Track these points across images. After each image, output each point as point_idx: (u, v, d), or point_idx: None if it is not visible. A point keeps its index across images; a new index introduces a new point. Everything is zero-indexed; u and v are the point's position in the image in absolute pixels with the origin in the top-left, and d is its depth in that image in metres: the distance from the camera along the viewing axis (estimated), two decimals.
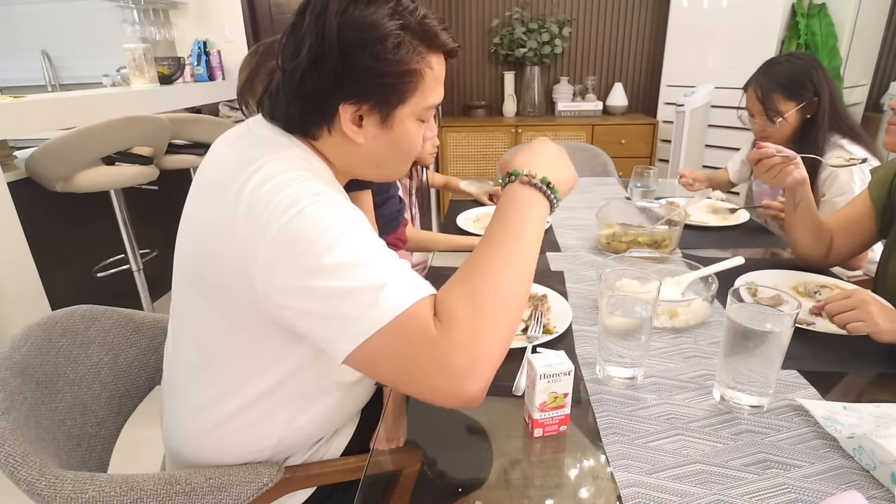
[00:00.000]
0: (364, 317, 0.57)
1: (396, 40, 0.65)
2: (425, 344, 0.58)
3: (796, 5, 2.85)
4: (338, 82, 0.66)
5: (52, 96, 2.30)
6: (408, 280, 0.61)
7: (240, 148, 0.70)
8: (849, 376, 0.86)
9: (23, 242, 1.78)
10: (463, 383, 0.57)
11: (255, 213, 0.61)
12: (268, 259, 0.60)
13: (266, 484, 0.74)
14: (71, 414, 0.86)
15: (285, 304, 0.61)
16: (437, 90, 0.73)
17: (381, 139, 0.71)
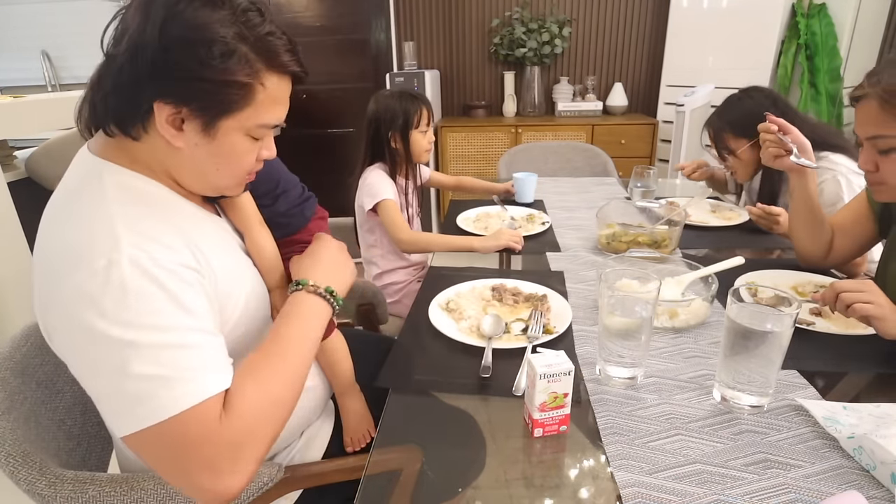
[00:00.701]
0: (143, 405, 0.56)
1: (225, 48, 0.61)
2: (200, 444, 0.58)
3: (796, 5, 2.85)
4: (154, 76, 0.61)
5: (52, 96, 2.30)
6: (205, 372, 0.60)
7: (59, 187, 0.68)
8: (849, 376, 0.86)
9: (23, 242, 1.78)
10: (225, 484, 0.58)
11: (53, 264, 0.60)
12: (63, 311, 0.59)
13: (266, 484, 0.74)
14: (71, 414, 0.86)
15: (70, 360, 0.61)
16: (274, 110, 0.68)
17: (203, 148, 0.66)
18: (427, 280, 1.23)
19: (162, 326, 0.58)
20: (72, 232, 0.60)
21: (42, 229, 0.65)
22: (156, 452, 0.59)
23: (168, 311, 0.59)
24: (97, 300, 0.56)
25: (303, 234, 1.14)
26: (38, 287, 0.62)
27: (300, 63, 0.69)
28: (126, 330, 0.56)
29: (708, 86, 3.00)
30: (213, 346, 0.63)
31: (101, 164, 0.66)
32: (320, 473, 0.82)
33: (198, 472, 0.58)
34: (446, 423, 0.78)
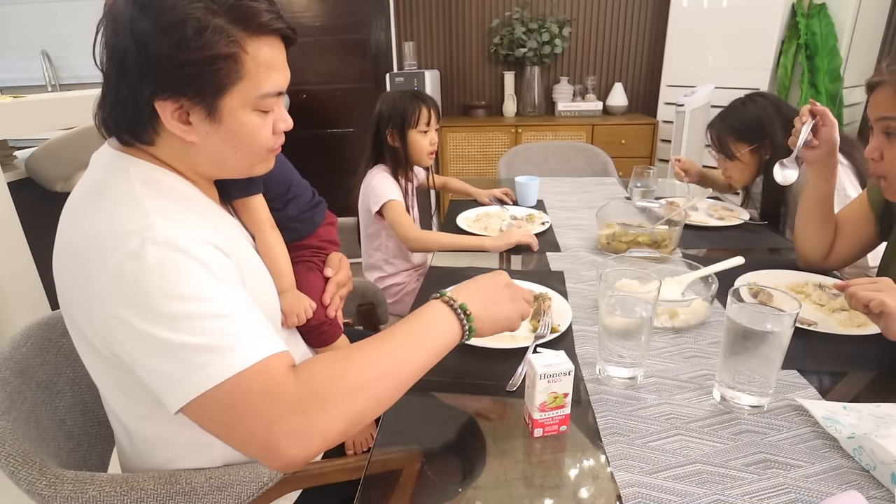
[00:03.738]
0: (198, 373, 0.56)
1: (197, 25, 0.59)
2: (264, 398, 0.56)
3: (796, 5, 2.84)
4: (143, 78, 0.60)
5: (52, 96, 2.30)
6: (256, 336, 0.60)
7: (82, 182, 0.68)
8: (849, 376, 0.86)
9: (23, 242, 1.78)
10: (286, 449, 0.56)
11: (87, 253, 0.60)
12: (102, 304, 0.58)
13: (266, 484, 0.74)
14: (71, 413, 0.86)
15: (119, 343, 0.59)
16: (270, 77, 0.66)
17: (215, 135, 0.66)
18: (427, 280, 1.23)
19: (204, 297, 0.58)
20: (102, 222, 0.60)
21: (68, 223, 0.65)
22: (216, 418, 0.58)
23: (207, 283, 0.59)
24: (137, 280, 0.56)
25: (312, 240, 1.14)
26: (69, 280, 0.63)
27: (283, 20, 0.65)
28: (170, 304, 0.56)
29: (708, 86, 3.00)
30: (259, 314, 0.63)
31: (126, 159, 0.67)
32: (320, 473, 0.82)
33: (260, 433, 0.56)
34: (446, 423, 0.78)
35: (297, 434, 0.57)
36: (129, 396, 0.70)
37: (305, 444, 0.57)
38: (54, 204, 2.24)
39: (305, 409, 0.57)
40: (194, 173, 0.71)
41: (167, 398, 0.58)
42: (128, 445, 0.78)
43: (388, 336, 0.66)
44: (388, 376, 0.63)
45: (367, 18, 3.51)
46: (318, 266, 1.07)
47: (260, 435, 0.56)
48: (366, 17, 3.51)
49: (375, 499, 0.65)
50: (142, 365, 0.59)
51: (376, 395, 0.62)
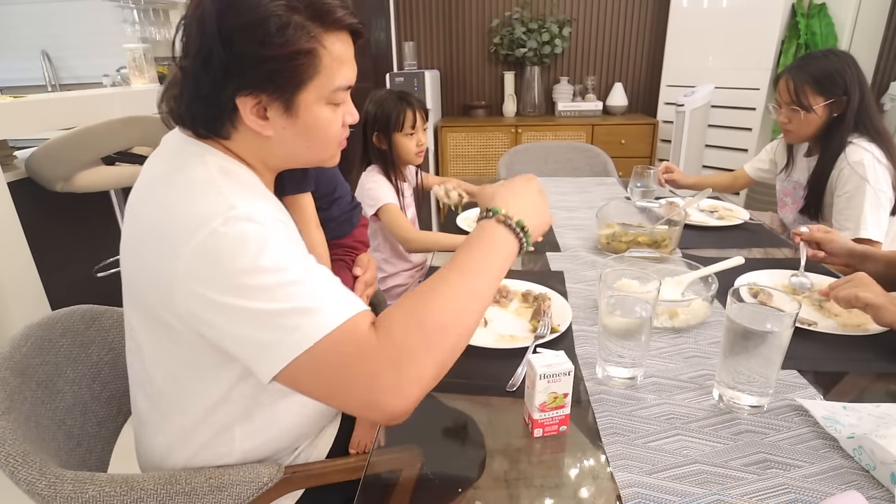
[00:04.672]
0: (291, 337, 0.57)
1: (280, 21, 0.61)
2: (357, 358, 0.57)
3: (796, 5, 2.85)
4: (227, 74, 0.63)
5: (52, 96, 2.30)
6: (337, 297, 0.61)
7: (153, 164, 0.70)
8: (849, 376, 0.86)
9: (23, 242, 1.78)
10: (389, 402, 0.57)
11: (166, 235, 0.60)
12: (185, 282, 0.59)
13: (266, 484, 0.74)
14: (71, 414, 0.86)
15: (210, 324, 0.60)
16: (342, 71, 0.68)
17: (291, 129, 0.68)
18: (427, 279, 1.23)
19: (287, 265, 0.59)
20: (183, 204, 0.61)
21: (145, 204, 0.66)
22: (314, 379, 0.59)
23: (288, 251, 0.61)
24: (222, 255, 0.58)
25: (347, 240, 1.17)
26: (145, 262, 0.63)
27: (354, 15, 0.68)
28: (257, 275, 0.58)
29: (708, 86, 3.00)
30: (336, 279, 0.64)
31: (202, 146, 0.69)
32: (320, 474, 0.82)
33: (361, 390, 0.57)
34: (446, 423, 0.78)
35: (394, 387, 0.57)
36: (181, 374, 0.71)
37: (404, 396, 0.57)
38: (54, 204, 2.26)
39: (394, 363, 0.58)
40: (263, 166, 0.74)
41: (262, 366, 0.58)
42: (153, 437, 0.78)
43: (457, 270, 0.65)
44: (464, 312, 0.63)
45: (367, 18, 3.51)
46: (348, 265, 1.09)
47: (359, 392, 0.58)
48: (366, 17, 3.51)
49: (375, 499, 0.65)
50: (233, 338, 0.59)
51: (457, 332, 0.62)
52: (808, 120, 1.49)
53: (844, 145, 1.46)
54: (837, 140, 1.47)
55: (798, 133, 1.54)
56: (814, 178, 1.55)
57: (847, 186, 1.44)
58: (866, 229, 1.40)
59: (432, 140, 3.43)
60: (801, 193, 1.63)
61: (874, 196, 1.40)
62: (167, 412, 0.75)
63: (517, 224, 0.70)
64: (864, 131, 1.46)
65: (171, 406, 0.75)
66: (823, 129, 1.50)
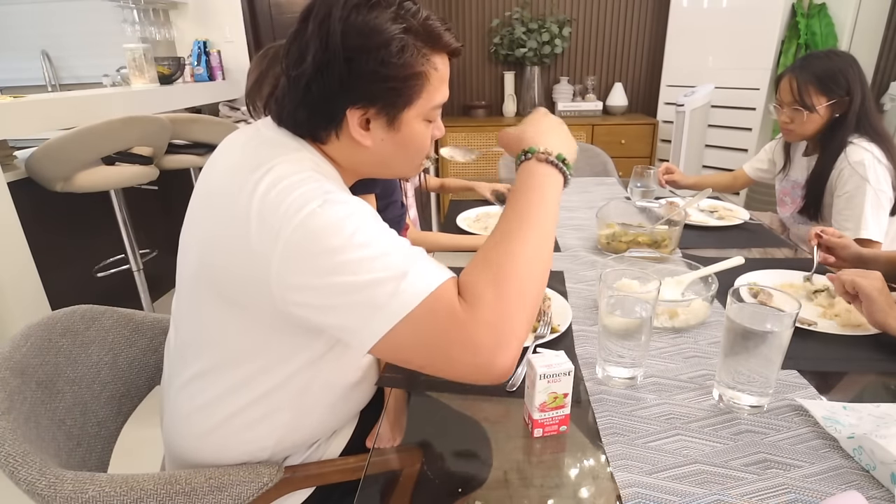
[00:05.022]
0: (389, 304, 0.58)
1: (401, 44, 0.65)
2: (453, 324, 0.59)
3: (796, 5, 2.85)
4: (344, 88, 0.67)
5: (52, 96, 2.30)
6: (428, 265, 0.62)
7: (249, 150, 0.71)
8: (849, 376, 0.86)
9: (23, 242, 1.78)
10: (493, 360, 0.59)
11: (267, 216, 0.61)
12: (283, 260, 0.60)
13: (266, 484, 0.74)
14: (71, 414, 0.86)
15: (304, 303, 0.61)
16: (442, 90, 0.73)
17: (389, 141, 0.72)
18: None
19: (380, 239, 0.62)
20: (284, 191, 0.62)
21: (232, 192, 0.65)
22: (414, 347, 0.60)
23: (380, 227, 0.64)
24: (320, 232, 0.60)
25: None
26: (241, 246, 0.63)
27: (457, 39, 0.72)
28: (352, 249, 0.59)
29: (708, 86, 3.00)
30: (423, 251, 0.66)
31: (301, 143, 0.72)
32: (320, 474, 0.82)
33: (462, 355, 0.59)
34: (446, 423, 0.78)
35: (495, 349, 0.59)
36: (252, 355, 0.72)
37: (506, 355, 0.59)
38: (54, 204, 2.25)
39: (489, 326, 0.59)
40: (352, 172, 0.77)
41: (363, 335, 0.60)
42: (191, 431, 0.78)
43: (521, 220, 0.67)
44: (539, 260, 0.65)
45: None
46: None
47: (461, 357, 0.59)
48: None
49: (375, 499, 0.65)
50: (332, 311, 0.61)
51: (537, 281, 0.64)
52: (810, 120, 1.49)
53: (844, 145, 1.46)
54: (838, 140, 1.47)
55: (799, 133, 1.54)
56: (813, 178, 1.55)
57: (847, 186, 1.44)
58: (867, 229, 1.40)
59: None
60: (799, 193, 1.63)
61: (874, 196, 1.40)
62: (224, 389, 0.75)
63: (558, 158, 0.71)
64: (864, 131, 1.46)
65: (229, 384, 0.75)
66: (824, 129, 1.50)
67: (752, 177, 1.92)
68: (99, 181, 1.96)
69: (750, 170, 1.92)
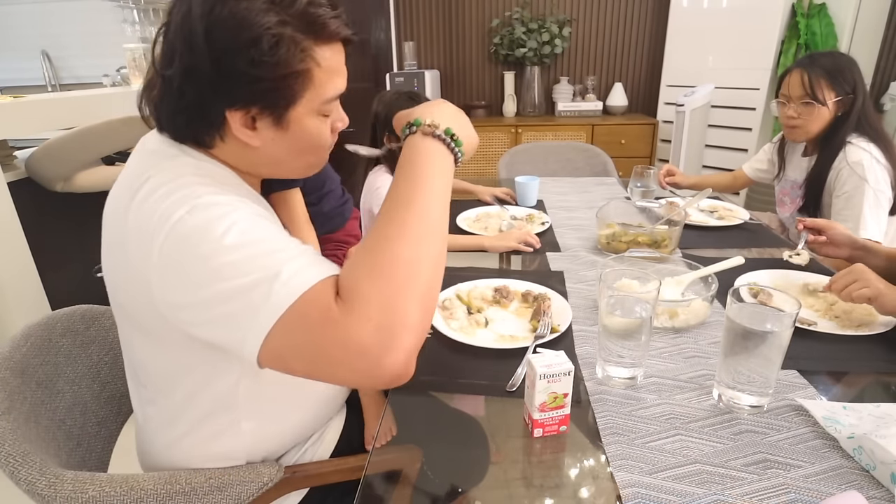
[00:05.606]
0: (260, 311, 0.54)
1: (273, 39, 0.59)
2: (328, 326, 0.53)
3: (796, 5, 2.85)
4: (216, 91, 0.61)
5: (52, 96, 2.30)
6: (303, 264, 0.57)
7: (130, 168, 0.68)
8: (849, 376, 0.86)
9: (23, 242, 1.78)
10: (381, 360, 0.52)
11: (141, 233, 0.59)
12: (161, 277, 0.58)
13: (266, 484, 0.74)
14: (71, 414, 0.86)
15: (190, 321, 0.59)
16: (333, 82, 0.66)
17: (280, 140, 0.67)
18: None
19: (255, 239, 0.57)
20: (156, 202, 0.59)
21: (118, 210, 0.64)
22: (294, 354, 0.55)
23: (258, 226, 0.59)
24: (189, 241, 0.56)
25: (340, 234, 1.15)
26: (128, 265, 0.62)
27: (348, 25, 0.66)
28: (222, 254, 0.56)
29: (708, 86, 3.00)
30: (309, 248, 0.61)
31: (180, 148, 0.67)
32: (320, 474, 0.82)
33: (343, 357, 0.53)
34: (446, 423, 0.78)
35: (379, 345, 0.53)
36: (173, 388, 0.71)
37: (396, 348, 0.53)
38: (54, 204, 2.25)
39: (370, 321, 0.53)
40: (244, 172, 0.72)
41: (246, 346, 0.55)
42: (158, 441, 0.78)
43: (403, 204, 0.60)
44: (427, 244, 0.59)
45: (367, 18, 3.51)
46: (340, 259, 1.07)
47: (343, 360, 0.53)
48: (366, 16, 3.51)
49: (375, 499, 0.65)
50: (215, 324, 0.57)
51: (428, 266, 0.58)
52: (819, 115, 1.48)
53: (843, 145, 1.46)
54: (837, 140, 1.47)
55: (806, 129, 1.52)
56: (811, 178, 1.55)
57: (846, 187, 1.44)
58: (866, 229, 1.40)
59: None
60: (798, 193, 1.63)
61: (873, 196, 1.40)
62: (170, 413, 0.75)
63: (446, 132, 0.64)
64: (863, 131, 1.46)
65: (172, 407, 0.75)
66: (826, 128, 1.50)
67: (752, 177, 1.92)
68: (99, 181, 1.96)
69: (749, 170, 1.92)
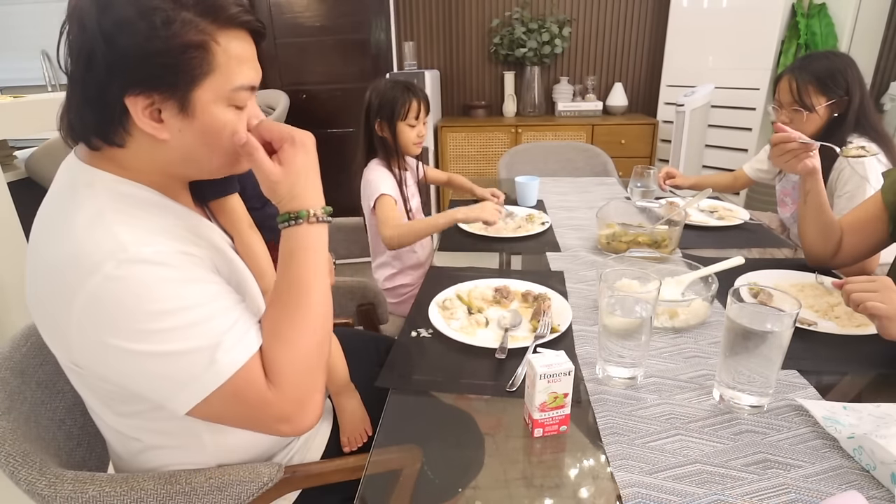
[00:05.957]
0: (200, 377, 0.60)
1: (165, 16, 0.58)
2: (261, 403, 0.63)
3: (796, 5, 2.85)
4: (112, 73, 0.59)
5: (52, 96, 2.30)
6: (238, 333, 0.63)
7: (48, 199, 0.67)
8: (849, 376, 0.86)
9: (23, 242, 1.78)
10: (302, 422, 0.66)
11: (62, 276, 0.59)
12: (81, 323, 0.58)
13: (266, 484, 0.74)
14: (71, 414, 0.86)
15: (109, 365, 0.61)
16: (242, 70, 0.64)
17: (188, 132, 0.64)
18: (427, 280, 1.23)
19: (188, 305, 0.60)
20: (73, 243, 0.59)
21: (38, 243, 0.64)
22: (227, 415, 0.64)
23: (188, 291, 0.61)
24: (119, 302, 0.57)
25: None
26: (44, 305, 0.62)
27: (250, 13, 0.65)
28: (156, 319, 0.58)
29: (708, 86, 3.00)
30: (239, 307, 0.66)
31: (91, 173, 0.66)
32: (320, 473, 0.82)
33: (272, 423, 0.65)
34: (446, 423, 0.78)
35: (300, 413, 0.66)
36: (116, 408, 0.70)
37: (309, 418, 0.66)
38: None
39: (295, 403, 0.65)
40: (166, 176, 0.69)
41: (175, 403, 0.61)
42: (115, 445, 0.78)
43: (304, 290, 0.67)
44: (327, 320, 0.69)
45: (367, 18, 3.51)
46: None
47: (268, 426, 0.65)
48: (366, 17, 3.51)
49: (375, 499, 0.65)
50: (141, 379, 0.61)
51: (326, 344, 0.69)
52: (809, 120, 1.49)
53: (844, 145, 1.46)
54: (837, 140, 1.47)
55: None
56: None
57: (848, 186, 1.44)
58: None
59: (432, 140, 3.43)
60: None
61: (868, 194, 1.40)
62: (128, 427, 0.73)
63: (324, 211, 0.69)
64: (863, 131, 1.46)
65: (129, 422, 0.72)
66: (824, 130, 1.50)
67: (752, 177, 1.92)
68: None
69: (750, 170, 1.92)
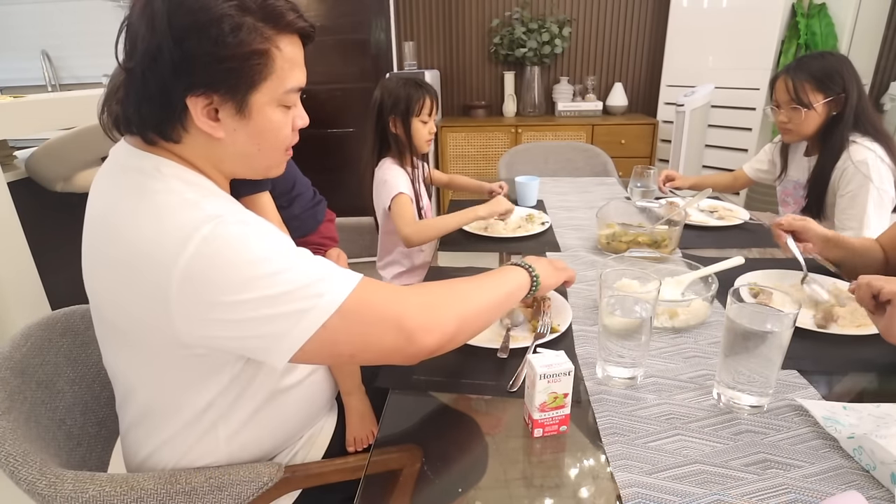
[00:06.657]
0: (318, 304, 0.61)
1: (233, 23, 0.61)
2: (392, 299, 0.67)
3: (796, 5, 2.84)
4: (178, 73, 0.62)
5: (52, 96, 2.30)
6: (338, 269, 0.66)
7: (107, 190, 0.69)
8: (849, 376, 0.86)
9: (23, 242, 1.78)
10: (417, 334, 0.66)
11: (154, 256, 0.60)
12: (184, 292, 0.59)
13: (266, 484, 0.74)
14: (71, 414, 0.86)
15: (217, 329, 0.61)
16: (294, 73, 0.69)
17: (243, 132, 0.68)
18: (427, 280, 1.23)
19: (285, 250, 0.64)
20: (161, 223, 0.61)
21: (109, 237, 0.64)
22: (337, 341, 0.64)
23: (282, 240, 0.65)
24: (223, 255, 0.60)
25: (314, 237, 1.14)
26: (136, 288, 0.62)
27: (305, 19, 0.69)
28: (258, 265, 0.60)
29: (708, 86, 3.00)
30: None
31: (155, 159, 0.68)
32: (320, 473, 0.82)
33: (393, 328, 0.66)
34: (446, 423, 0.78)
35: (423, 326, 0.67)
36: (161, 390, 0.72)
37: (430, 334, 0.67)
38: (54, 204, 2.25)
39: (423, 306, 0.69)
40: (217, 171, 0.73)
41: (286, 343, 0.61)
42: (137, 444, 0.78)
43: (479, 278, 0.81)
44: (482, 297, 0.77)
45: (367, 18, 3.51)
46: None
47: (392, 330, 0.66)
48: (366, 17, 3.50)
49: (375, 499, 0.65)
50: (254, 327, 0.61)
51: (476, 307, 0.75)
52: (808, 118, 1.49)
53: (846, 144, 1.46)
54: (837, 139, 1.47)
55: (798, 132, 1.54)
56: (814, 178, 1.55)
57: (850, 186, 1.44)
58: (869, 228, 1.40)
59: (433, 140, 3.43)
60: (801, 193, 1.63)
61: (877, 195, 1.40)
62: (152, 423, 0.76)
63: (530, 267, 0.89)
64: (864, 130, 1.46)
65: (154, 418, 0.75)
66: (823, 128, 1.51)
67: (752, 177, 1.92)
68: None
69: (750, 170, 1.92)
